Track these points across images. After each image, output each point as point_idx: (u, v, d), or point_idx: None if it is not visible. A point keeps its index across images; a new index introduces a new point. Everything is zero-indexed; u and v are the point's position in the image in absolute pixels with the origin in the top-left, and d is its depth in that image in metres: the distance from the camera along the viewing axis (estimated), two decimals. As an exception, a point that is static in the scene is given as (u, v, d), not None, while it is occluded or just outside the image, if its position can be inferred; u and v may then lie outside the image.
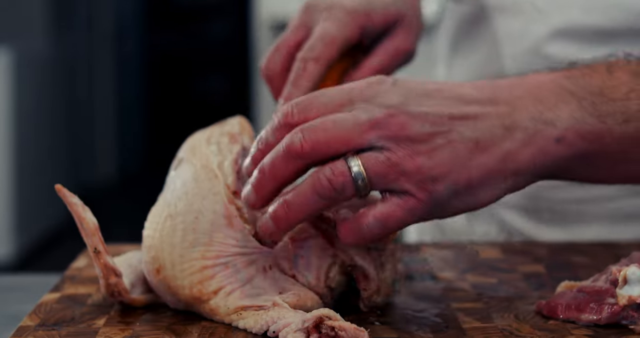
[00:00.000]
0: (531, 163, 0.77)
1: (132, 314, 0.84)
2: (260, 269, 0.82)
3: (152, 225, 0.84)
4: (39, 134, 4.82)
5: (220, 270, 0.81)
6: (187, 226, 0.82)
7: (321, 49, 0.93)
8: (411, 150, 0.75)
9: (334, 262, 0.83)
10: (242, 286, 0.81)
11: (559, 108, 0.78)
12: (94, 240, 0.82)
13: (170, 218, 0.83)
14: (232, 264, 0.81)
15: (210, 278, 0.80)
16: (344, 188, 0.75)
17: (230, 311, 0.80)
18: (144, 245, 0.84)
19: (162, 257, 0.82)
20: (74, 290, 0.91)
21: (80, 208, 0.83)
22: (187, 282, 0.81)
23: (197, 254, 0.81)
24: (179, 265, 0.81)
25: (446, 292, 0.90)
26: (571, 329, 0.79)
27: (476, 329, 0.79)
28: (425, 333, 0.79)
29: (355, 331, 0.73)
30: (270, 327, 0.77)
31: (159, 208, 0.85)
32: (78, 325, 0.81)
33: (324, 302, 0.82)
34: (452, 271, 0.97)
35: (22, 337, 0.78)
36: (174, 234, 0.82)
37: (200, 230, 0.82)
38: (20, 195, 4.40)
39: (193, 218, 0.82)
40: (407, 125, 0.75)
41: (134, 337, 0.78)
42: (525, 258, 1.02)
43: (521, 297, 0.88)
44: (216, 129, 0.92)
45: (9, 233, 4.33)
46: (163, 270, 0.82)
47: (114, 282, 0.83)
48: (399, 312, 0.84)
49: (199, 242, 0.81)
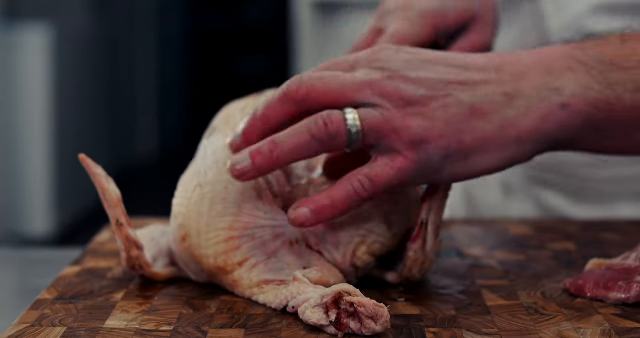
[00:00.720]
0: (534, 131, 0.76)
1: (151, 288, 0.83)
2: (286, 243, 0.80)
3: (181, 194, 0.83)
4: (80, 112, 4.84)
5: (247, 241, 0.79)
6: (216, 195, 0.81)
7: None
8: (404, 111, 0.75)
9: (362, 241, 0.81)
10: (267, 259, 0.80)
11: (565, 76, 0.76)
12: (117, 211, 0.81)
13: (199, 187, 0.82)
14: (258, 236, 0.80)
15: (236, 249, 0.79)
16: (338, 135, 0.75)
17: (252, 284, 0.78)
18: (173, 213, 0.83)
19: (189, 225, 0.80)
20: (95, 264, 0.90)
21: (103, 179, 0.81)
22: (212, 252, 0.79)
23: (225, 224, 0.80)
24: (204, 234, 0.80)
25: (472, 269, 0.88)
26: (598, 308, 0.77)
27: (501, 307, 0.77)
28: (448, 310, 0.77)
29: (375, 307, 0.71)
30: (290, 303, 0.75)
31: (189, 176, 0.84)
32: (96, 299, 0.80)
33: (348, 281, 0.81)
34: (480, 248, 0.95)
35: (38, 310, 0.77)
36: (202, 203, 0.81)
37: (229, 200, 0.80)
38: (61, 173, 4.42)
39: (222, 188, 0.81)
40: (403, 87, 0.75)
41: (151, 311, 0.77)
42: (556, 235, 0.99)
43: (549, 275, 0.86)
44: (252, 100, 0.90)
45: (50, 210, 4.36)
46: (189, 238, 0.80)
47: (135, 255, 0.82)
48: (422, 288, 0.83)
49: (228, 212, 0.80)
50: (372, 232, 0.81)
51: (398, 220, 0.83)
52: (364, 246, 0.81)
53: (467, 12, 0.98)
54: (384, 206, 0.82)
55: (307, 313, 0.73)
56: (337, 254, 0.81)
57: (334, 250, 0.81)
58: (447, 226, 1.03)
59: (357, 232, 0.81)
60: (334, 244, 0.81)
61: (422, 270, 0.82)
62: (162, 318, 0.75)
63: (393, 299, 0.80)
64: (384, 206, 0.82)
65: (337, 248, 0.81)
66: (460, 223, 1.05)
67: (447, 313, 0.76)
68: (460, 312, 0.76)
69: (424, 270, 0.82)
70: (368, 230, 0.81)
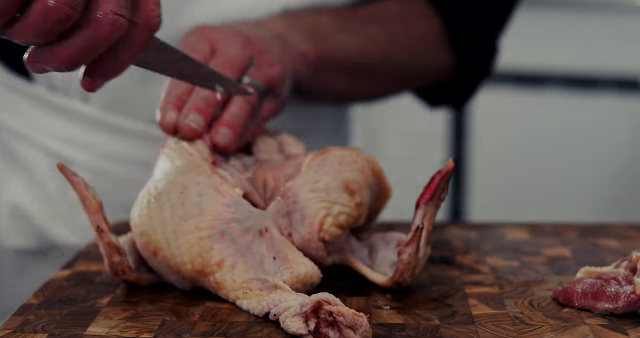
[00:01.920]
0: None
1: (138, 293, 0.83)
2: (256, 234, 0.81)
3: (138, 212, 0.83)
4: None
5: (217, 240, 0.79)
6: (175, 202, 0.81)
7: None
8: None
9: (327, 213, 0.81)
10: (243, 256, 0.79)
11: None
12: (97, 218, 0.81)
13: (154, 200, 0.82)
14: (227, 233, 0.80)
15: (210, 250, 0.79)
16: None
17: (236, 285, 0.78)
18: (135, 233, 0.83)
19: (156, 239, 0.81)
20: (85, 267, 0.90)
21: (82, 186, 0.81)
22: (187, 257, 0.79)
23: (191, 227, 0.79)
24: (174, 242, 0.80)
25: (463, 276, 0.87)
26: (585, 318, 0.76)
27: (486, 316, 0.77)
28: (432, 319, 0.76)
29: (354, 316, 0.70)
30: (272, 310, 0.75)
31: (141, 197, 0.84)
32: (81, 304, 0.80)
33: (321, 266, 0.81)
34: (474, 253, 0.94)
35: (22, 315, 0.77)
36: (163, 213, 0.81)
37: (188, 202, 0.81)
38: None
39: (178, 194, 0.81)
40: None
41: (134, 317, 0.77)
42: (553, 240, 0.98)
43: (540, 282, 0.85)
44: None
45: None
46: (160, 251, 0.80)
47: (117, 260, 0.82)
48: (409, 295, 0.82)
49: (190, 214, 0.80)
50: (336, 202, 0.81)
51: (359, 189, 0.83)
52: (330, 217, 0.81)
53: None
54: (340, 176, 0.82)
55: (287, 321, 0.72)
56: (304, 230, 0.81)
57: (300, 226, 0.81)
58: (443, 229, 1.02)
59: (320, 204, 0.81)
60: (300, 221, 0.82)
61: (413, 275, 0.82)
62: (143, 325, 0.75)
63: (378, 307, 0.79)
64: (341, 176, 0.82)
65: (303, 223, 0.81)
66: (456, 226, 1.04)
67: (431, 323, 0.75)
68: (444, 321, 0.76)
69: (415, 275, 0.82)
70: (331, 201, 0.81)
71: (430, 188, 0.79)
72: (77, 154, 1.16)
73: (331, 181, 0.82)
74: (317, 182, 0.82)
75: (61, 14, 0.68)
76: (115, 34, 0.71)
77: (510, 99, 3.07)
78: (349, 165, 0.84)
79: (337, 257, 0.85)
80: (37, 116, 1.17)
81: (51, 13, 0.68)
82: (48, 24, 0.69)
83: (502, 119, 3.11)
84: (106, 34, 0.71)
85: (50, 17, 0.68)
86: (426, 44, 1.19)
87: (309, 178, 0.83)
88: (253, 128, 0.94)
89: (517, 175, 3.11)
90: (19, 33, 0.69)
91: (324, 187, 0.82)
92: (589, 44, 3.01)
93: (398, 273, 0.81)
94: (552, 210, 3.01)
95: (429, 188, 0.80)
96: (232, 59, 0.93)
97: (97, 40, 0.71)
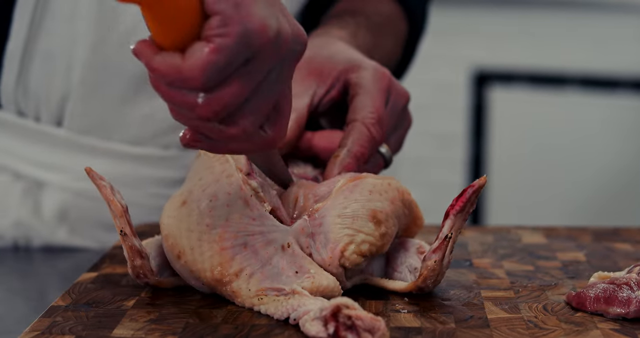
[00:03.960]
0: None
1: (162, 296, 0.85)
2: (278, 248, 0.83)
3: (168, 214, 0.85)
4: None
5: (239, 251, 0.81)
6: (203, 209, 0.83)
7: None
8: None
9: (351, 241, 0.83)
10: (262, 267, 0.81)
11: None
12: (122, 222, 0.83)
13: (185, 205, 0.84)
14: (250, 245, 0.82)
15: (231, 260, 0.81)
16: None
17: (251, 294, 0.80)
18: (163, 235, 0.85)
19: (181, 243, 0.83)
20: (111, 270, 0.92)
21: (108, 190, 0.84)
22: (207, 265, 0.81)
23: (215, 236, 0.82)
24: (197, 249, 0.82)
25: (479, 279, 0.89)
26: (598, 322, 0.78)
27: (501, 320, 0.79)
28: (448, 323, 0.78)
29: (372, 320, 0.72)
30: (291, 315, 0.77)
31: (173, 199, 0.86)
32: (107, 306, 0.82)
33: (340, 281, 0.83)
34: (490, 257, 0.96)
35: (51, 317, 0.80)
36: (190, 219, 0.83)
37: (216, 212, 0.83)
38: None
39: (208, 202, 0.83)
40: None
41: (158, 319, 0.79)
42: (568, 244, 1.00)
43: (554, 287, 0.87)
44: None
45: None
46: (183, 255, 0.82)
47: (139, 263, 0.84)
48: (427, 299, 0.84)
49: (216, 224, 0.82)
50: (360, 230, 0.83)
51: (385, 219, 0.84)
52: (353, 245, 0.83)
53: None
54: (369, 204, 0.84)
55: (306, 325, 0.74)
56: (325, 253, 0.83)
57: (322, 249, 0.83)
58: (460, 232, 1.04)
59: (345, 230, 0.83)
60: (323, 243, 0.83)
61: (436, 282, 0.84)
62: (168, 327, 0.78)
63: (396, 310, 0.81)
64: (369, 204, 0.84)
65: (325, 247, 0.83)
66: (473, 230, 1.06)
67: (447, 327, 0.77)
68: (460, 324, 0.78)
69: (437, 282, 0.84)
70: (356, 229, 0.83)
71: (461, 201, 0.82)
72: (52, 176, 1.18)
73: (359, 209, 0.84)
74: (345, 208, 0.84)
75: (204, 116, 0.72)
76: (240, 138, 0.74)
77: (528, 99, 3.08)
78: (379, 194, 0.85)
79: (357, 279, 0.86)
80: (5, 140, 1.18)
81: (200, 112, 0.71)
82: (190, 119, 0.73)
83: (520, 119, 3.12)
84: (232, 136, 0.74)
85: (196, 113, 0.71)
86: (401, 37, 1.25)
87: (338, 203, 0.84)
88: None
89: (535, 175, 3.11)
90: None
91: (351, 214, 0.83)
92: (608, 45, 3.02)
93: (422, 279, 0.83)
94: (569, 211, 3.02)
95: (460, 201, 0.82)
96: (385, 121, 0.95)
97: (223, 136, 0.74)
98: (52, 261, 1.19)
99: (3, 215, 1.20)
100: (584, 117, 3.03)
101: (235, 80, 0.71)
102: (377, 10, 1.19)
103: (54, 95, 1.15)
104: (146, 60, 0.70)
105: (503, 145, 3.13)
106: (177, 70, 0.69)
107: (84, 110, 1.15)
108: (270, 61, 0.72)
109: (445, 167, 3.20)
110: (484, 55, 3.12)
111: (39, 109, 1.17)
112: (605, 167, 3.03)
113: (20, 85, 1.15)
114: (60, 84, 1.15)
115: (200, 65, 0.68)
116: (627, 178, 3.03)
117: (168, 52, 0.69)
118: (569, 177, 3.07)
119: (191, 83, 0.69)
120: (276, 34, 0.71)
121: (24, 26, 1.12)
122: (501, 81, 3.09)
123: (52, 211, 1.19)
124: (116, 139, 1.17)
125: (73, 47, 1.13)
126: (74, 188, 1.18)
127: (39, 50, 1.14)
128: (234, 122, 0.73)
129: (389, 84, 0.96)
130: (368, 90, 0.95)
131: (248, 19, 0.69)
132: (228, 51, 0.69)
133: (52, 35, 1.13)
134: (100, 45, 1.13)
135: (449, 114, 3.18)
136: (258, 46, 0.70)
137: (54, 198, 1.19)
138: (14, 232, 1.20)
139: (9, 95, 1.15)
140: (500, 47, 3.12)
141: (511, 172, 3.12)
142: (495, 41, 3.12)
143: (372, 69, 0.96)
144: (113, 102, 1.15)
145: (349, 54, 1.00)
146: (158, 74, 0.70)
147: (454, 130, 3.19)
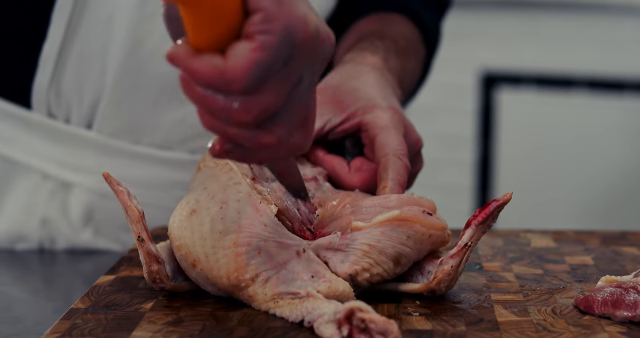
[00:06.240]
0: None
1: (179, 299, 0.87)
2: (293, 254, 0.84)
3: (177, 225, 0.86)
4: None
5: (254, 256, 0.83)
6: (214, 217, 0.84)
7: None
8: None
9: (367, 269, 0.85)
10: (278, 272, 0.83)
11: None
12: (138, 227, 0.85)
13: (195, 214, 0.85)
14: (264, 249, 0.83)
15: (246, 266, 0.83)
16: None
17: (267, 298, 0.82)
18: (174, 245, 0.86)
19: (195, 252, 0.84)
20: (129, 273, 0.94)
21: (126, 196, 0.85)
22: (223, 272, 0.83)
23: (229, 242, 0.83)
24: (212, 256, 0.83)
25: (489, 283, 0.91)
26: (605, 325, 0.80)
27: (511, 323, 0.80)
28: (459, 326, 0.80)
29: (385, 323, 0.74)
30: (306, 317, 0.79)
31: (180, 210, 0.87)
32: (125, 309, 0.84)
33: (355, 288, 0.85)
34: (500, 260, 0.98)
35: (70, 320, 0.82)
36: (202, 227, 0.84)
37: (228, 218, 0.84)
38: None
39: (218, 209, 0.85)
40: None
41: (176, 322, 0.81)
42: (576, 248, 1.02)
43: (563, 290, 0.88)
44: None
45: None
46: (199, 263, 0.84)
47: (155, 269, 0.86)
48: (438, 302, 0.86)
49: (229, 230, 0.84)
50: (379, 264, 0.85)
51: (406, 263, 0.87)
52: (367, 273, 0.85)
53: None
54: (399, 248, 0.86)
55: (321, 328, 0.76)
56: (340, 268, 0.85)
57: (339, 264, 0.85)
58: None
59: (366, 259, 0.85)
60: (341, 259, 0.85)
61: (448, 287, 0.86)
62: (185, 330, 0.79)
63: (408, 313, 0.83)
64: (400, 248, 0.86)
65: (342, 263, 0.85)
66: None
67: (458, 329, 0.79)
68: (471, 327, 0.79)
69: (449, 287, 0.86)
70: (376, 261, 0.85)
71: (484, 213, 0.84)
72: (79, 177, 1.20)
73: (389, 248, 0.85)
74: (378, 241, 0.85)
75: (242, 120, 0.71)
76: (273, 147, 0.73)
77: (536, 101, 3.09)
78: (414, 242, 0.86)
79: (366, 286, 0.88)
80: (35, 142, 1.19)
81: (238, 116, 0.70)
82: (224, 126, 0.72)
83: (528, 121, 3.13)
84: (267, 144, 0.73)
85: (234, 118, 0.70)
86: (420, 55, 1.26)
87: (375, 234, 0.85)
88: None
89: (542, 177, 3.12)
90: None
91: (380, 248, 0.85)
92: (615, 47, 3.03)
93: (436, 281, 0.85)
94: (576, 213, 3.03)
95: (484, 213, 0.84)
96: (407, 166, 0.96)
97: (256, 144, 0.73)
98: (75, 263, 1.20)
99: (30, 215, 1.22)
100: (591, 119, 3.05)
101: (274, 83, 0.70)
102: (401, 33, 1.20)
103: (86, 97, 1.17)
104: (184, 64, 0.68)
105: (511, 147, 3.14)
106: (220, 72, 0.68)
107: (115, 113, 1.17)
108: (306, 61, 0.71)
109: (454, 169, 3.21)
110: (492, 58, 3.14)
111: (70, 111, 1.18)
112: (612, 168, 3.04)
113: (53, 86, 1.17)
114: (93, 86, 1.17)
115: (245, 65, 0.67)
116: (635, 180, 3.04)
117: (207, 54, 0.68)
118: (577, 178, 3.08)
119: (234, 85, 0.68)
120: (316, 30, 0.71)
121: (61, 28, 1.14)
122: (509, 83, 3.10)
123: (79, 212, 1.21)
124: (145, 142, 1.19)
125: (108, 51, 1.15)
126: (100, 190, 1.20)
127: (74, 52, 1.15)
128: (269, 129, 0.72)
129: (405, 128, 0.98)
130: (389, 130, 0.96)
131: (291, 14, 0.68)
132: (272, 49, 0.68)
133: (88, 38, 1.15)
134: (135, 49, 1.14)
135: (458, 116, 3.20)
136: (299, 43, 0.69)
137: (81, 199, 1.21)
138: (40, 232, 1.22)
139: (41, 96, 1.17)
140: (508, 49, 3.13)
141: (519, 174, 3.14)
142: (504, 44, 3.14)
143: (390, 112, 0.98)
144: (144, 106, 1.17)
145: (373, 92, 1.01)
146: (199, 77, 0.68)
147: (463, 132, 3.20)
